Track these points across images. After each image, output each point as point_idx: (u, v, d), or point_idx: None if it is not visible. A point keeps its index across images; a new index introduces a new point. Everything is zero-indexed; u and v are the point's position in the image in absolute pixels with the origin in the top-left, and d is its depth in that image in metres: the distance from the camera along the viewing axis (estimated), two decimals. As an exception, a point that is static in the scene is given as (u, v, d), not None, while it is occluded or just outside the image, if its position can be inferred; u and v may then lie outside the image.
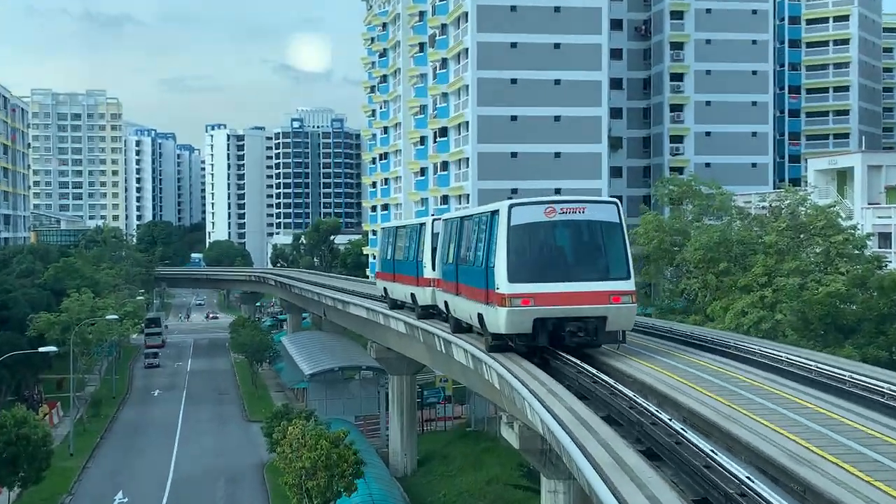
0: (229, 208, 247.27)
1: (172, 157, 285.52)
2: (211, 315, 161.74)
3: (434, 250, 33.66)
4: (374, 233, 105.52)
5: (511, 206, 24.15)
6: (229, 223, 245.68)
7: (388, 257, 40.95)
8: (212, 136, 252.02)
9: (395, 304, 41.82)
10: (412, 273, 36.42)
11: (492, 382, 25.65)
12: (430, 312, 36.13)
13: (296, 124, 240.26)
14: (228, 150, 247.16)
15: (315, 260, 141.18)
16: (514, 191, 71.75)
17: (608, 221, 24.03)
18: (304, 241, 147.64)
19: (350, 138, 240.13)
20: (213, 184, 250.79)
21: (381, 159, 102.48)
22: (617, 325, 23.79)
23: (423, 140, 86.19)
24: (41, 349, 48.69)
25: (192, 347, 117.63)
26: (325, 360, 68.59)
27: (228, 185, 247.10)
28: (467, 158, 74.25)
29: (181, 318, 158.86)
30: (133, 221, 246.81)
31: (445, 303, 31.62)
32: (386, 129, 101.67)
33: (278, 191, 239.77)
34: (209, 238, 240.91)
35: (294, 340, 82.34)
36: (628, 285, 23.80)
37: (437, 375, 65.93)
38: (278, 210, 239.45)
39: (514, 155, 73.70)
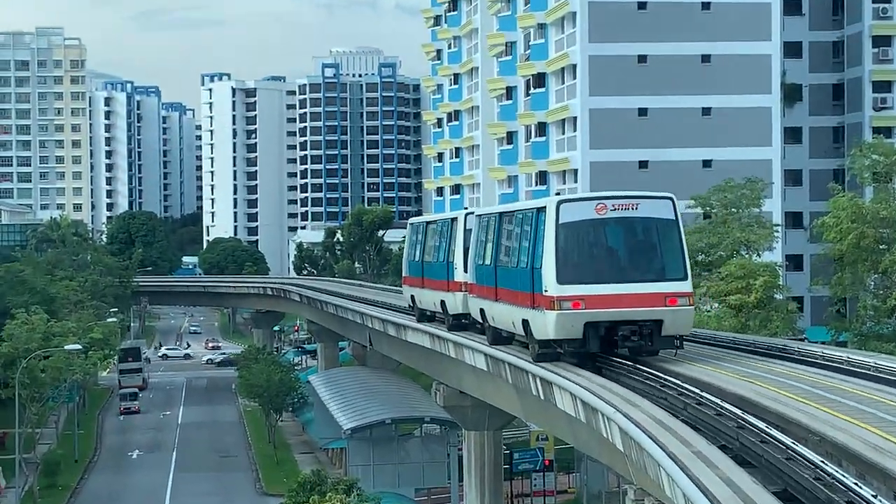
0: (235, 193, 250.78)
1: (156, 121, 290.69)
2: (210, 343, 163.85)
3: (467, 250, 39.85)
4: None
5: (559, 203, 30.87)
6: (235, 214, 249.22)
7: (417, 259, 47.27)
8: (210, 90, 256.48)
9: (424, 316, 48.49)
10: (442, 277, 42.75)
11: (612, 441, 25.93)
12: (462, 323, 42.57)
13: (329, 72, 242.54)
14: (234, 109, 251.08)
15: (357, 265, 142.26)
16: (643, 164, 71.38)
17: (664, 218, 30.58)
18: (342, 239, 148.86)
19: (405, 91, 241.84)
20: (212, 158, 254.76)
21: (450, 120, 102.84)
22: (674, 330, 30.25)
23: (510, 92, 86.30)
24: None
25: (184, 390, 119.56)
26: (372, 408, 69.20)
27: (234, 159, 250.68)
28: (574, 118, 74.14)
29: (176, 347, 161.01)
30: (102, 212, 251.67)
31: (481, 310, 38.25)
32: (457, 77, 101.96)
33: (304, 167, 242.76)
34: (207, 235, 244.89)
35: (328, 381, 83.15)
36: (685, 286, 30.38)
37: (532, 431, 66.17)
38: (304, 195, 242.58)
39: (642, 112, 73.73)
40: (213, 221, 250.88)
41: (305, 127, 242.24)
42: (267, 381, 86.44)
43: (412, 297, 49.11)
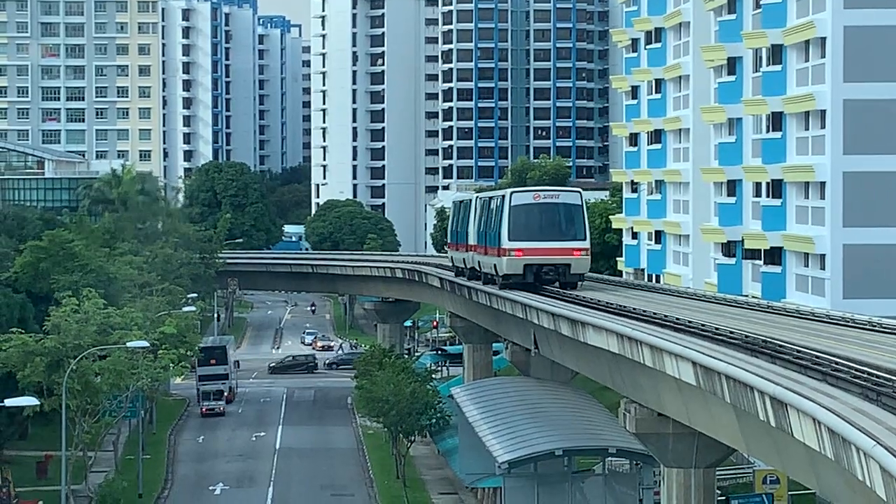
0: (355, 139, 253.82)
1: (250, 41, 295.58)
2: (319, 342, 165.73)
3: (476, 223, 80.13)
4: (633, 187, 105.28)
5: (512, 193, 72.28)
6: (355, 168, 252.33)
7: (453, 228, 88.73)
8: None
9: (459, 271, 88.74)
10: (463, 241, 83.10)
11: (871, 488, 26.03)
12: (475, 273, 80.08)
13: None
14: (355, 25, 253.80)
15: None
16: None
17: (573, 203, 71.20)
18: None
19: (588, 1, 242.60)
20: (324, 91, 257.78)
21: (649, 41, 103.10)
22: (577, 270, 70.52)
23: (733, 3, 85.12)
24: (9, 402, 51.50)
25: (283, 404, 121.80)
26: (538, 434, 69.44)
27: (354, 93, 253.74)
28: (822, 39, 72.85)
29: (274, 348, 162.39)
30: (177, 163, 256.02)
31: (478, 262, 78.09)
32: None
33: (448, 105, 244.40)
34: (317, 196, 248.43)
35: (478, 395, 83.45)
36: (585, 245, 70.16)
37: (757, 470, 66.29)
38: (447, 142, 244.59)
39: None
40: (324, 178, 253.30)
41: (451, 50, 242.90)
42: (395, 393, 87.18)
43: (451, 257, 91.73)
